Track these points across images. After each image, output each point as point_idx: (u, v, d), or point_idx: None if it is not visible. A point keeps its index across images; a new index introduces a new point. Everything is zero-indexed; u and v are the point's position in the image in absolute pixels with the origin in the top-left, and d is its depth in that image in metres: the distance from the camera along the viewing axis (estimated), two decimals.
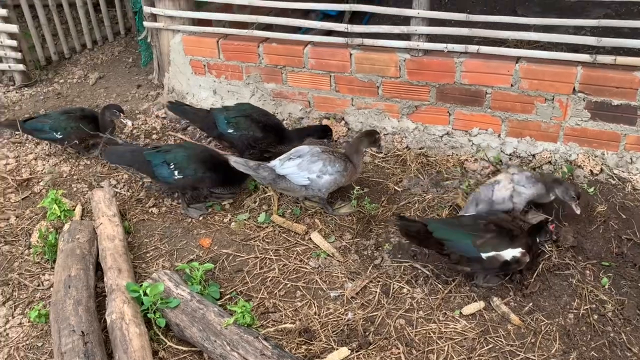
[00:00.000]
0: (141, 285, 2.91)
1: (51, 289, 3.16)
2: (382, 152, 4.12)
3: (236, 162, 3.46)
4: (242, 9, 5.05)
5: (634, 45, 3.45)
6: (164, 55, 4.87)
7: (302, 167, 3.44)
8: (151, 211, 3.82)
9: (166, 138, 4.64)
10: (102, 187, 3.93)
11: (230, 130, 4.00)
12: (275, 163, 3.49)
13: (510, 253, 2.86)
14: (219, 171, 3.68)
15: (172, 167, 3.60)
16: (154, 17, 4.72)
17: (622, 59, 3.44)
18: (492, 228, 2.91)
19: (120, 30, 6.78)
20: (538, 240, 2.95)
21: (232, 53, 4.48)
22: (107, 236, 3.34)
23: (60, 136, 4.25)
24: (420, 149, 4.16)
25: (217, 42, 4.49)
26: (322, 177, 3.44)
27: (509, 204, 3.29)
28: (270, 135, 4.00)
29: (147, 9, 4.67)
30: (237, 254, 3.42)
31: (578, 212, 3.23)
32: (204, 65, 4.65)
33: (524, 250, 2.87)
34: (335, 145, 4.21)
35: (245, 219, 3.66)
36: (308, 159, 3.45)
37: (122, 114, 4.23)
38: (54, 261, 3.28)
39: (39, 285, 3.30)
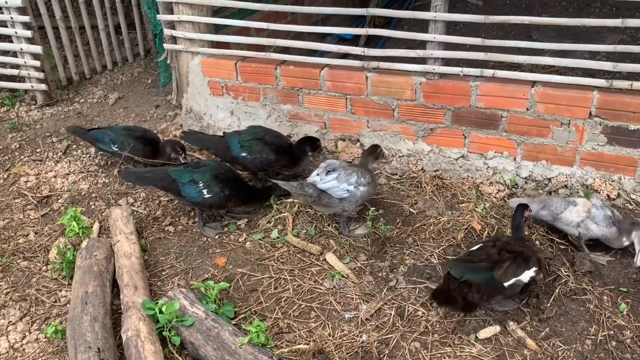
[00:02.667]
0: (157, 303, 2.93)
1: (68, 305, 3.19)
2: (386, 160, 4.18)
3: (281, 184, 3.52)
4: (259, 31, 5.17)
5: None
6: (182, 76, 4.96)
7: (340, 180, 3.47)
8: (167, 229, 3.86)
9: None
10: (120, 205, 3.98)
11: (244, 154, 4.05)
12: (315, 179, 3.51)
13: (528, 275, 2.84)
14: (243, 190, 3.73)
15: (200, 185, 3.64)
16: (174, 40, 4.82)
17: (638, 84, 3.44)
18: (505, 256, 2.88)
19: (140, 51, 6.93)
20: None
21: (250, 75, 4.55)
22: (124, 253, 3.37)
23: (117, 149, 4.39)
24: (435, 171, 4.17)
25: (235, 64, 4.57)
26: (359, 188, 3.48)
27: (573, 230, 3.29)
28: (283, 157, 4.05)
29: (167, 32, 4.78)
30: (252, 273, 3.43)
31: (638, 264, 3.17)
32: (222, 87, 4.74)
33: (537, 268, 2.87)
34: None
35: (260, 239, 3.68)
36: (344, 172, 3.50)
37: (184, 153, 4.38)
38: (72, 278, 3.32)
39: (55, 302, 3.33)
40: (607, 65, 3.52)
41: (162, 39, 4.97)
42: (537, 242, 3.44)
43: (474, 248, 3.05)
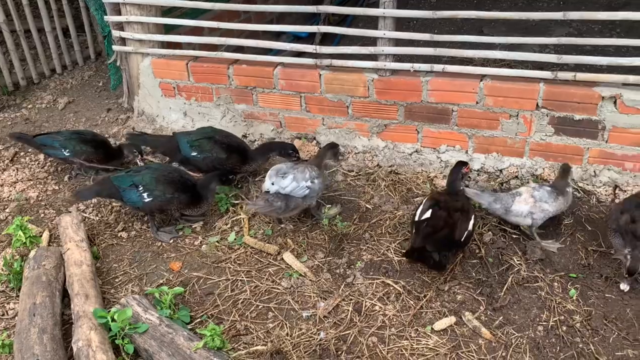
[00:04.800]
0: (109, 311, 2.85)
1: (16, 317, 3.07)
2: (343, 158, 4.20)
3: (250, 204, 3.59)
4: (212, 31, 5.09)
5: (592, 62, 3.56)
6: (133, 78, 4.85)
7: (298, 180, 3.49)
8: (120, 235, 3.77)
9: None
10: (70, 212, 3.86)
11: (194, 153, 3.99)
12: (275, 188, 3.49)
13: (470, 224, 3.21)
14: (187, 192, 3.65)
15: (140, 189, 3.56)
16: (122, 41, 4.71)
17: (582, 75, 3.54)
18: (457, 215, 3.20)
19: (91, 54, 6.74)
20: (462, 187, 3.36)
21: (202, 75, 4.49)
22: (75, 262, 3.27)
23: (68, 154, 4.24)
24: (390, 166, 4.20)
25: (187, 64, 4.50)
26: (315, 182, 3.53)
27: (527, 220, 3.35)
28: (234, 156, 4.00)
29: (115, 33, 4.67)
30: (208, 276, 3.38)
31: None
32: (174, 88, 4.65)
33: (474, 216, 3.29)
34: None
35: (216, 241, 3.63)
36: (297, 171, 3.52)
37: (140, 156, 4.28)
38: (19, 289, 3.20)
39: (3, 315, 3.21)
40: (552, 58, 3.61)
41: (110, 41, 4.85)
42: (490, 232, 3.50)
43: (427, 216, 3.19)
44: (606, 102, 3.47)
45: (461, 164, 3.44)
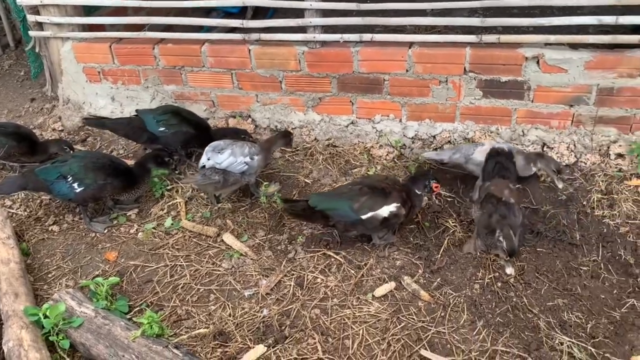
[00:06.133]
0: (41, 308, 2.74)
1: None
2: (293, 149, 4.12)
3: (187, 180, 3.50)
4: (137, 11, 4.90)
5: (514, 24, 3.63)
6: (55, 65, 4.61)
7: (236, 154, 3.44)
8: (51, 229, 3.61)
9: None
10: None
11: (162, 129, 3.86)
12: (211, 162, 3.44)
13: (386, 210, 3.03)
14: (120, 176, 3.53)
15: (69, 179, 3.41)
16: (40, 26, 4.46)
17: (505, 37, 3.61)
18: (366, 191, 3.07)
19: (10, 42, 6.36)
20: (417, 192, 3.13)
21: (127, 57, 4.31)
22: (1, 260, 3.12)
23: None
24: (328, 140, 4.19)
25: (110, 47, 4.30)
26: (254, 158, 3.49)
27: None
28: (201, 134, 3.88)
29: (31, 17, 4.41)
30: (146, 264, 3.30)
31: (561, 186, 3.41)
32: (99, 72, 4.45)
33: (399, 204, 3.05)
34: None
35: (153, 228, 3.54)
36: (234, 147, 3.48)
37: (72, 151, 4.04)
38: None
39: None
40: (476, 21, 3.65)
41: (27, 26, 4.58)
42: (425, 197, 3.55)
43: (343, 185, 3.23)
44: (530, 62, 3.56)
45: (429, 177, 3.19)
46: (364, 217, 3.04)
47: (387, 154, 3.98)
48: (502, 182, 3.11)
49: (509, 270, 3.00)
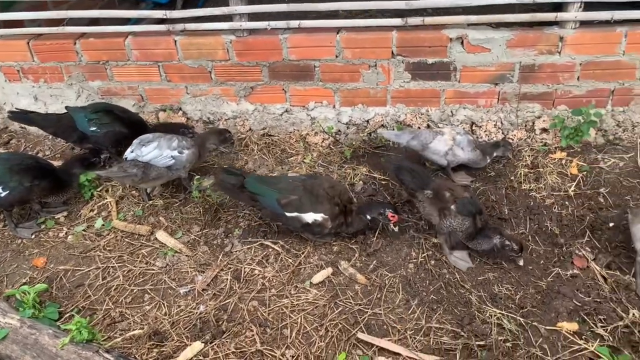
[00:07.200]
0: None
1: None
2: (232, 147, 3.94)
3: (101, 173, 3.33)
4: (58, 5, 4.69)
5: (439, 5, 3.66)
6: None
7: (162, 147, 3.35)
8: None
9: None
10: None
11: (94, 128, 3.70)
12: (133, 155, 3.34)
13: (311, 217, 3.00)
14: (47, 177, 3.38)
15: None
16: None
17: (430, 19, 3.65)
18: (301, 191, 3.03)
19: None
20: (367, 217, 3.05)
21: (47, 54, 4.11)
22: None
23: None
24: (263, 129, 4.15)
25: (28, 43, 4.10)
26: (184, 152, 3.40)
27: (442, 160, 3.44)
28: (136, 131, 3.73)
29: None
30: (77, 268, 3.18)
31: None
32: (18, 71, 4.24)
33: (326, 217, 3.00)
34: None
35: (83, 230, 3.42)
36: (163, 140, 3.39)
37: None
38: None
39: None
40: (401, 4, 3.68)
41: None
42: (360, 182, 3.59)
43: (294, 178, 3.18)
44: (454, 43, 3.62)
45: (385, 206, 3.08)
46: (287, 214, 3.03)
47: (322, 141, 3.97)
48: (443, 184, 3.11)
49: (521, 262, 2.93)
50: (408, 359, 2.55)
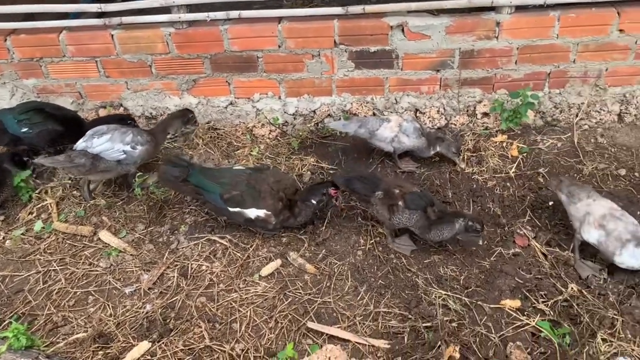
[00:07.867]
0: None
1: None
2: (197, 125, 3.88)
3: (46, 161, 3.23)
4: None
5: None
6: None
7: (114, 140, 3.27)
8: None
9: None
10: None
11: (25, 129, 3.53)
12: (83, 145, 3.25)
13: (254, 212, 2.98)
14: None
15: None
16: None
17: (370, 7, 3.66)
18: (243, 187, 3.00)
19: None
20: (313, 202, 3.04)
21: None
22: None
23: None
24: (207, 122, 4.08)
25: None
26: (137, 148, 3.32)
27: (388, 147, 3.47)
28: (71, 129, 3.60)
29: None
30: (16, 273, 3.07)
31: (463, 166, 3.50)
32: None
33: (269, 212, 2.99)
34: None
35: (22, 234, 3.29)
36: (117, 133, 3.31)
37: None
38: None
39: None
40: None
41: None
42: (308, 172, 3.58)
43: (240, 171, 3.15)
44: (395, 31, 3.64)
45: (326, 185, 3.09)
46: (230, 209, 3.01)
47: (269, 133, 3.94)
48: (393, 182, 3.11)
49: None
50: (357, 345, 2.57)
